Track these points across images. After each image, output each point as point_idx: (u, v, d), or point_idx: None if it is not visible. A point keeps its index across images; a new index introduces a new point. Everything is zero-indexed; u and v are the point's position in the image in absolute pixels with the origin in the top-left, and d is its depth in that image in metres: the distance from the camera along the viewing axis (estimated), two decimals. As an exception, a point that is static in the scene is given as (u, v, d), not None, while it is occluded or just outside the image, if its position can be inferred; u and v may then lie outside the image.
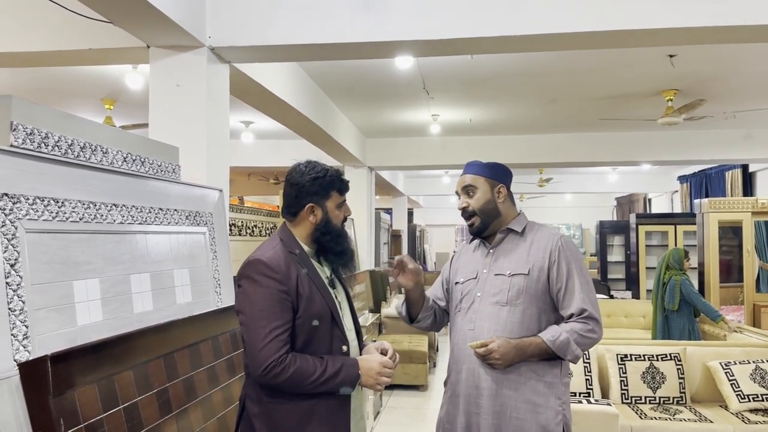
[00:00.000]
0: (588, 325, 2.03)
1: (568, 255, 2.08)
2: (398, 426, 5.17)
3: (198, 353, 2.51)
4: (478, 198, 2.19)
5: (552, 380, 2.05)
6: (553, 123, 7.86)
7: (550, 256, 2.08)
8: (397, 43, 3.47)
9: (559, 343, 2.00)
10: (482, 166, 2.24)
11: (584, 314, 2.03)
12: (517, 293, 2.07)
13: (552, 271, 2.07)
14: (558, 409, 2.03)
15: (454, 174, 13.66)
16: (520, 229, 2.18)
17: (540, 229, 2.20)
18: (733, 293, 7.32)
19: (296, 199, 1.92)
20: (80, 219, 2.13)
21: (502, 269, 2.12)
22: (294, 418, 1.80)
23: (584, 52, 4.79)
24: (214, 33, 3.41)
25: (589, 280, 2.09)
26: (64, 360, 1.75)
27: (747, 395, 3.91)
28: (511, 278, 2.09)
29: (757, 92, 6.23)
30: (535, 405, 2.01)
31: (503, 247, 2.18)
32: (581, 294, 2.04)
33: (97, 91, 6.09)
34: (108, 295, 2.21)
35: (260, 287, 1.79)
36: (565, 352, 2.01)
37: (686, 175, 11.93)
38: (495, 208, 2.19)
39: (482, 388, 2.05)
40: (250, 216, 4.60)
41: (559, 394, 2.05)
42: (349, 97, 6.44)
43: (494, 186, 2.20)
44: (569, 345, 2.00)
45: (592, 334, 2.04)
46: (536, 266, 2.08)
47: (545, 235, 2.15)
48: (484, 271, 2.16)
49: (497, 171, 2.24)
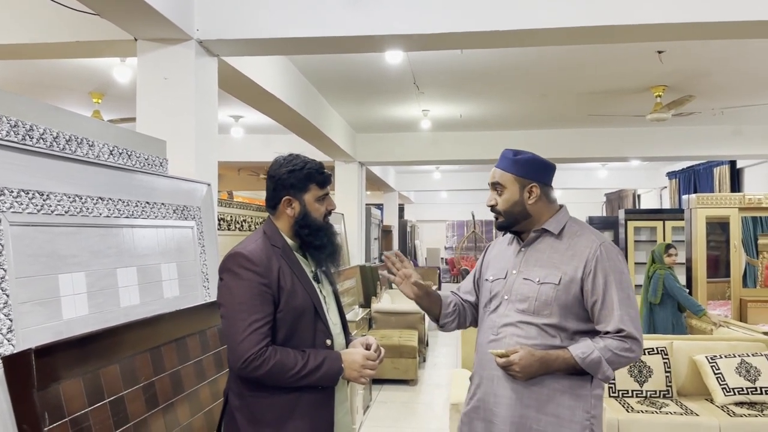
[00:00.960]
0: (625, 343, 1.84)
1: (606, 266, 1.88)
2: (387, 420, 5.18)
3: (185, 347, 2.50)
4: (505, 198, 1.99)
5: (581, 392, 1.89)
6: (543, 119, 7.89)
7: (585, 265, 1.89)
8: (387, 37, 3.47)
9: (590, 361, 1.84)
10: (513, 162, 1.98)
11: (622, 333, 1.84)
12: (544, 303, 1.90)
13: (587, 283, 1.88)
14: (585, 423, 1.88)
15: (444, 170, 13.68)
16: (556, 230, 1.98)
17: (581, 231, 1.98)
18: (721, 288, 7.38)
19: (274, 192, 1.92)
20: (66, 212, 2.12)
21: (532, 275, 1.95)
22: (275, 411, 1.80)
23: (574, 47, 4.80)
24: (203, 26, 3.39)
25: (630, 294, 1.89)
26: (48, 353, 1.74)
27: (732, 389, 3.95)
28: (540, 286, 1.92)
29: (745, 89, 6.27)
30: (559, 418, 1.87)
31: (536, 248, 2.00)
32: (620, 311, 1.85)
33: (85, 84, 6.05)
34: (94, 288, 2.20)
35: (241, 280, 1.78)
36: (596, 371, 1.85)
37: (675, 171, 12.00)
38: (523, 210, 1.98)
39: (501, 396, 1.93)
40: (239, 210, 4.58)
41: (588, 408, 1.89)
42: (340, 91, 6.42)
43: (525, 186, 1.97)
44: (600, 365, 1.84)
45: (628, 353, 1.85)
46: (568, 275, 1.89)
47: (584, 241, 1.94)
48: (514, 272, 2.00)
49: (531, 167, 1.98)
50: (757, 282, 7.55)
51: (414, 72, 5.55)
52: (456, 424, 2.18)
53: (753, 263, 7.99)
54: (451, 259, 19.48)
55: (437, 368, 7.17)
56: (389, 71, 5.50)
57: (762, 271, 7.56)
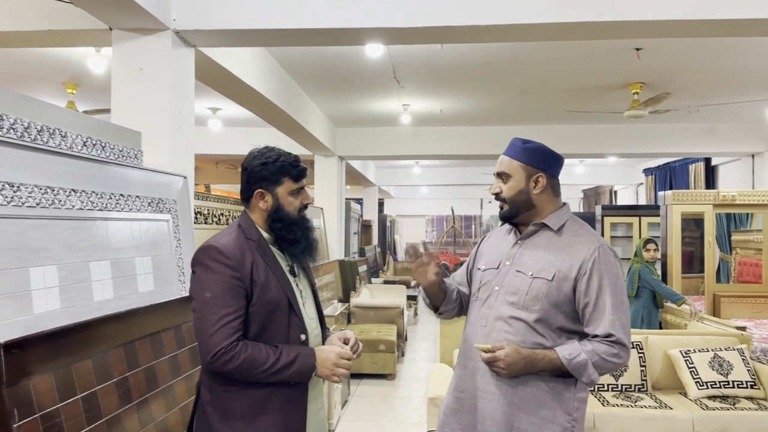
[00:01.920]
0: (613, 348, 1.82)
1: (602, 269, 1.85)
2: (366, 415, 5.18)
3: (160, 342, 2.47)
4: (510, 186, 1.95)
5: (564, 394, 1.87)
6: (521, 115, 7.93)
7: (581, 266, 1.86)
8: (367, 30, 3.45)
9: (576, 363, 1.81)
10: (522, 150, 1.95)
11: (611, 338, 1.82)
12: (534, 298, 1.87)
13: (580, 283, 1.85)
14: (566, 425, 1.86)
15: (424, 165, 13.70)
16: (556, 226, 1.94)
17: (581, 231, 1.95)
18: (695, 284, 7.51)
19: (247, 185, 1.89)
20: (37, 204, 2.07)
21: (525, 268, 1.92)
22: (246, 406, 1.78)
23: (553, 44, 4.82)
24: (179, 16, 3.33)
25: (623, 300, 1.87)
26: (18, 348, 1.70)
27: (705, 382, 4.01)
28: (532, 280, 1.89)
29: (720, 87, 6.36)
30: (541, 419, 1.85)
31: (533, 241, 1.96)
32: (611, 315, 1.82)
33: (58, 74, 5.93)
34: (66, 282, 2.16)
35: (213, 273, 1.76)
36: (581, 374, 1.83)
37: (651, 168, 12.15)
38: (528, 200, 1.95)
39: (483, 390, 1.91)
40: (217, 204, 4.53)
41: (570, 410, 1.87)
42: (320, 85, 6.38)
43: (532, 174, 1.94)
44: (586, 368, 1.81)
45: (615, 359, 1.83)
46: (562, 273, 1.87)
47: (583, 241, 1.91)
48: (507, 263, 1.97)
49: (539, 157, 1.95)
50: (730, 278, 7.68)
51: (394, 66, 5.54)
52: (434, 419, 2.16)
53: (726, 259, 8.13)
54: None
55: (416, 363, 7.18)
56: (369, 65, 5.48)
57: (735, 267, 7.69)
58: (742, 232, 8.01)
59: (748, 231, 7.90)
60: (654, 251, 5.53)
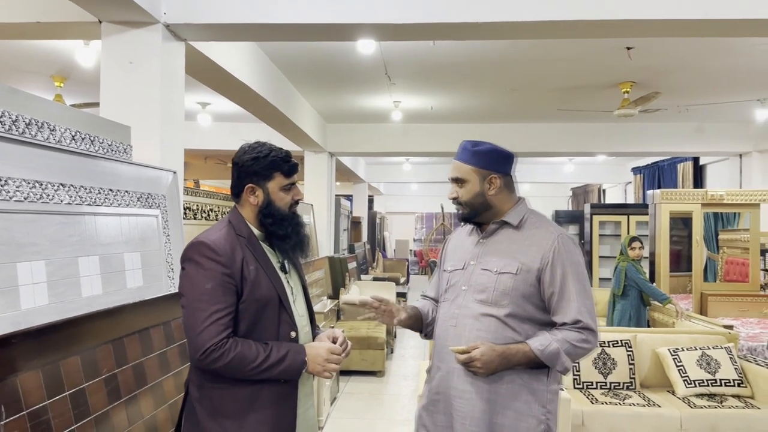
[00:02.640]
0: (582, 334, 1.87)
1: (564, 258, 1.91)
2: (355, 412, 5.17)
3: (149, 339, 2.45)
4: (466, 190, 2.00)
5: (537, 387, 1.91)
6: (512, 113, 7.94)
7: (543, 257, 1.91)
8: (359, 26, 3.43)
9: (548, 353, 1.85)
10: (473, 153, 1.99)
11: (579, 324, 1.87)
12: (502, 293, 1.91)
13: (545, 274, 1.90)
14: (541, 418, 1.90)
15: (415, 162, 13.69)
16: (515, 222, 1.99)
17: (539, 223, 2.00)
18: (682, 282, 7.55)
19: (238, 180, 1.88)
20: (25, 198, 2.04)
21: (490, 265, 1.96)
22: (235, 403, 1.76)
23: (545, 42, 4.82)
24: (170, 9, 3.30)
25: (586, 286, 1.92)
26: (5, 344, 1.68)
27: (693, 380, 4.04)
28: (498, 276, 1.93)
29: (709, 87, 6.39)
30: (517, 413, 1.89)
31: (495, 239, 2.01)
32: (577, 302, 1.88)
33: (46, 67, 5.86)
34: (54, 278, 2.13)
35: (203, 270, 1.74)
36: (554, 363, 1.87)
37: (640, 167, 12.22)
38: (485, 201, 1.99)
39: (462, 391, 1.93)
40: (206, 199, 4.50)
41: (544, 402, 1.92)
42: (310, 80, 6.35)
43: (486, 177, 1.98)
44: (559, 356, 1.86)
45: (585, 344, 1.88)
46: (526, 266, 1.91)
47: (542, 232, 1.96)
48: (472, 263, 2.01)
49: (490, 159, 1.99)
50: (717, 276, 7.74)
51: (386, 62, 5.52)
52: None
53: (714, 258, 8.19)
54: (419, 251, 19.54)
55: (405, 360, 7.19)
56: (361, 61, 5.46)
57: (722, 266, 7.75)
58: (729, 231, 8.07)
59: (735, 230, 7.96)
60: (639, 249, 5.52)
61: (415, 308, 2.16)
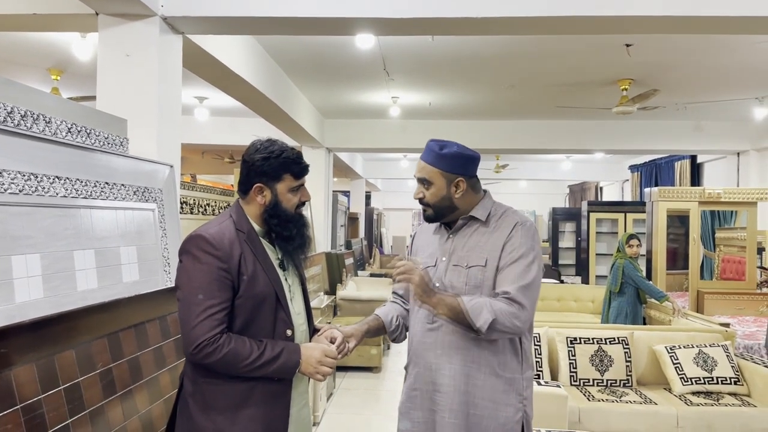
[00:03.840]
0: (511, 307, 1.85)
1: (516, 241, 1.93)
2: (351, 407, 5.17)
3: (144, 333, 2.43)
4: (432, 193, 2.01)
5: (512, 376, 1.95)
6: (510, 109, 7.92)
7: (504, 244, 1.94)
8: (358, 20, 3.41)
9: (475, 303, 1.84)
10: (439, 157, 1.99)
11: (507, 295, 1.87)
12: (475, 287, 1.93)
13: (503, 257, 1.93)
14: (518, 405, 1.94)
15: (412, 158, 13.66)
16: (483, 217, 2.01)
17: (504, 215, 2.03)
18: (679, 280, 7.56)
19: (247, 177, 1.85)
20: (20, 191, 2.03)
21: (460, 260, 1.99)
22: (228, 399, 1.75)
23: (544, 38, 4.81)
24: (167, 1, 3.28)
25: (532, 269, 1.91)
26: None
27: (690, 378, 4.04)
28: (468, 270, 1.96)
29: (707, 84, 6.39)
30: (495, 402, 1.92)
31: (464, 233, 2.03)
32: (513, 278, 1.89)
33: (43, 60, 5.82)
34: (49, 271, 2.11)
35: (200, 263, 1.73)
36: (478, 315, 1.82)
37: (637, 165, 12.21)
38: (451, 204, 2.01)
39: (440, 384, 1.95)
40: (203, 194, 4.48)
41: (520, 390, 1.96)
42: (308, 75, 6.33)
43: (451, 180, 1.99)
44: (482, 308, 1.83)
45: (513, 318, 1.85)
46: (493, 256, 1.94)
47: (506, 222, 1.99)
48: (443, 259, 2.03)
49: (456, 163, 1.99)
50: (714, 274, 7.75)
51: (384, 58, 5.50)
52: None
53: (710, 256, 8.20)
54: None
55: (401, 356, 7.18)
56: (359, 56, 5.44)
57: (718, 264, 7.76)
58: (726, 229, 8.08)
59: (731, 228, 7.97)
60: (637, 247, 5.52)
61: (376, 319, 2.15)
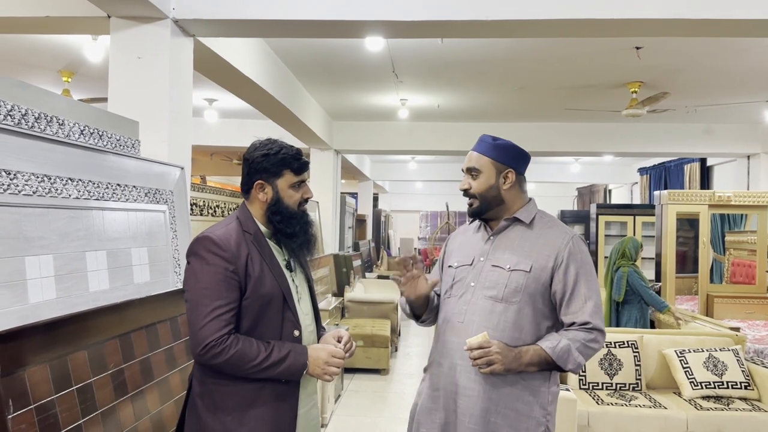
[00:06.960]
0: (591, 334, 1.88)
1: (578, 259, 1.92)
2: (359, 409, 5.17)
3: (155, 334, 2.45)
4: (480, 182, 1.98)
5: (539, 388, 1.91)
6: (520, 112, 7.91)
7: (557, 256, 1.91)
8: (368, 23, 3.42)
9: (560, 350, 1.84)
10: (492, 146, 1.99)
11: (588, 325, 1.88)
12: (514, 291, 1.90)
13: (557, 274, 1.90)
14: (541, 420, 1.90)
15: (420, 160, 13.68)
16: (527, 219, 1.99)
17: (552, 223, 2.01)
18: (688, 283, 7.52)
19: (248, 176, 1.87)
20: (33, 192, 2.04)
21: (501, 262, 1.94)
22: (236, 400, 1.76)
23: (553, 41, 4.80)
24: (179, 4, 3.30)
25: (596, 288, 1.92)
26: (13, 338, 1.68)
27: (700, 382, 4.02)
28: (510, 273, 1.91)
29: (717, 87, 6.36)
30: (518, 413, 1.88)
31: (506, 236, 1.99)
32: (587, 304, 1.88)
33: (54, 62, 5.87)
34: (62, 272, 2.13)
35: (207, 265, 1.74)
36: (566, 361, 1.85)
37: (646, 168, 12.17)
38: (498, 195, 1.98)
39: (463, 387, 1.91)
40: (213, 196, 4.50)
41: (545, 404, 1.91)
42: (317, 77, 6.34)
43: (501, 171, 1.98)
44: (570, 352, 1.85)
45: (594, 344, 1.89)
46: (539, 264, 1.91)
47: (556, 233, 1.97)
48: (482, 259, 1.98)
49: (508, 153, 1.99)
50: (723, 278, 7.70)
51: (393, 60, 5.51)
52: None
53: (720, 260, 8.15)
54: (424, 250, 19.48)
55: (409, 358, 7.18)
56: (369, 58, 5.45)
57: (728, 268, 7.71)
58: (736, 233, 8.03)
59: (742, 232, 7.91)
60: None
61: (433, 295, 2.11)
